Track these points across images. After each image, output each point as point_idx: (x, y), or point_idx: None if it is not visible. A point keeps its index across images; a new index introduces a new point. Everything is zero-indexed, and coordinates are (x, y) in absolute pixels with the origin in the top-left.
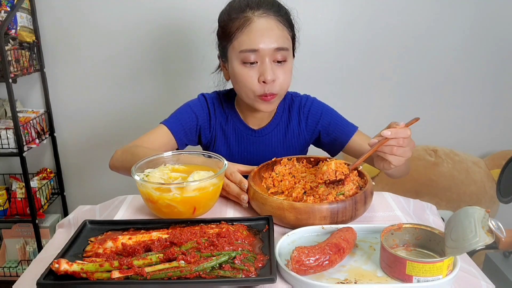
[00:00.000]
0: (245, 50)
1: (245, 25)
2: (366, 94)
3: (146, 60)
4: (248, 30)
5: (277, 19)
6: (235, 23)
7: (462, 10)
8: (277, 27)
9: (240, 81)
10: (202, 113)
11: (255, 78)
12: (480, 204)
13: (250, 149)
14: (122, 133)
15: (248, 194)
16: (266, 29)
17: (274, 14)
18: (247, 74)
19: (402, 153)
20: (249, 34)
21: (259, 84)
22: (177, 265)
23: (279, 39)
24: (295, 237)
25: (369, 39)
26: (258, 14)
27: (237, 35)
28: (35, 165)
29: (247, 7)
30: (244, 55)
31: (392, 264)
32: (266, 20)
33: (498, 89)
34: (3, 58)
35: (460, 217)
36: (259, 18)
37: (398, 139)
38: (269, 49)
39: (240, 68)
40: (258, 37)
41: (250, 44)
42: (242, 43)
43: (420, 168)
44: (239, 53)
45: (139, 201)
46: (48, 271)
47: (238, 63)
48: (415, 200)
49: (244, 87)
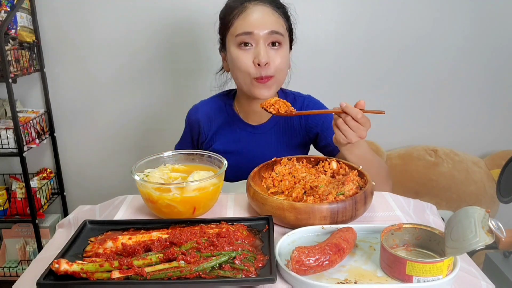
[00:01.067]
0: (240, 34)
1: (242, 12)
2: (366, 94)
3: (146, 60)
4: (244, 15)
5: (272, 8)
6: (233, 12)
7: (462, 10)
8: (272, 14)
9: (236, 64)
10: (195, 125)
11: (250, 60)
12: (480, 204)
13: (249, 145)
14: (122, 133)
15: (248, 194)
16: (261, 14)
17: (270, 4)
18: (243, 56)
19: (345, 130)
20: (244, 18)
21: (255, 67)
22: (177, 265)
23: (273, 24)
24: (295, 237)
25: (369, 39)
26: (254, 3)
27: (234, 21)
28: (35, 165)
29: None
30: (240, 38)
31: (392, 264)
32: (262, 7)
33: (498, 89)
34: (3, 58)
35: (460, 217)
36: (255, 5)
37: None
38: (263, 33)
39: (236, 52)
40: (253, 21)
41: (245, 27)
42: (238, 28)
43: (420, 168)
44: (235, 38)
45: (139, 201)
46: (48, 271)
47: (234, 47)
48: (415, 200)
49: (240, 70)
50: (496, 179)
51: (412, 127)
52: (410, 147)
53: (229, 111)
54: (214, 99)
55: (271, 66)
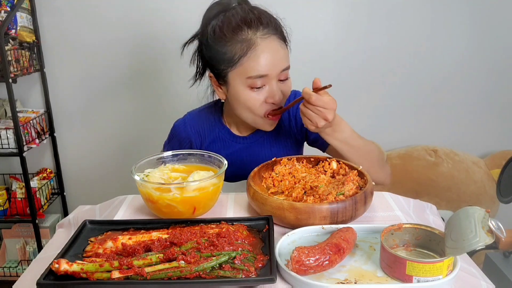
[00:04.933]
0: (253, 77)
1: (249, 49)
2: (366, 94)
3: (146, 59)
4: (255, 55)
5: (278, 37)
6: (236, 47)
7: (462, 10)
8: (280, 46)
9: (246, 105)
10: (185, 141)
11: (262, 100)
12: (480, 204)
13: (244, 156)
14: (122, 133)
15: (248, 194)
16: (272, 53)
17: (274, 31)
18: (255, 98)
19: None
20: (256, 59)
21: (266, 104)
22: (177, 265)
23: (283, 60)
24: (295, 237)
25: (369, 40)
26: (260, 36)
27: (242, 61)
28: (35, 165)
29: (245, 25)
30: (252, 81)
31: (392, 264)
32: (270, 42)
33: (497, 89)
34: (3, 58)
35: (460, 217)
36: (263, 41)
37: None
38: (276, 73)
39: (247, 93)
40: (266, 63)
41: (258, 70)
42: (249, 69)
43: (420, 168)
44: (246, 79)
45: (139, 201)
46: (48, 271)
47: (244, 88)
48: (415, 200)
49: (250, 110)
50: (496, 179)
51: (412, 127)
52: (410, 147)
53: (219, 126)
54: (202, 113)
55: (282, 99)
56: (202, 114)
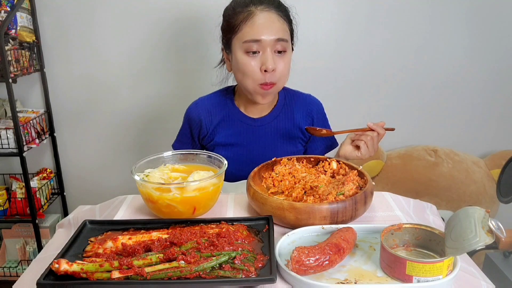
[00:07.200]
0: (248, 41)
1: (249, 18)
2: (366, 94)
3: (146, 59)
4: (251, 22)
5: (278, 14)
6: (239, 16)
7: (462, 10)
8: (278, 20)
9: (243, 70)
10: (195, 120)
11: (257, 67)
12: (480, 204)
13: (250, 137)
14: (122, 133)
15: (248, 194)
16: (267, 22)
17: (275, 9)
18: (250, 63)
19: (371, 145)
20: (252, 26)
21: (261, 73)
22: (177, 265)
23: (279, 31)
24: (295, 237)
25: (369, 39)
26: (260, 9)
27: (241, 27)
28: (35, 165)
29: (251, 2)
30: (247, 45)
31: (392, 264)
32: (268, 14)
33: (497, 89)
34: (3, 58)
35: (460, 217)
36: (261, 12)
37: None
38: (270, 40)
39: (243, 58)
40: (261, 29)
41: (253, 34)
42: (245, 34)
43: (420, 168)
44: (242, 44)
45: (139, 201)
46: (48, 271)
47: (241, 53)
48: (415, 200)
49: (246, 75)
50: (496, 179)
51: (412, 127)
52: (410, 147)
53: (229, 105)
54: (213, 95)
55: (276, 72)
56: (214, 96)
